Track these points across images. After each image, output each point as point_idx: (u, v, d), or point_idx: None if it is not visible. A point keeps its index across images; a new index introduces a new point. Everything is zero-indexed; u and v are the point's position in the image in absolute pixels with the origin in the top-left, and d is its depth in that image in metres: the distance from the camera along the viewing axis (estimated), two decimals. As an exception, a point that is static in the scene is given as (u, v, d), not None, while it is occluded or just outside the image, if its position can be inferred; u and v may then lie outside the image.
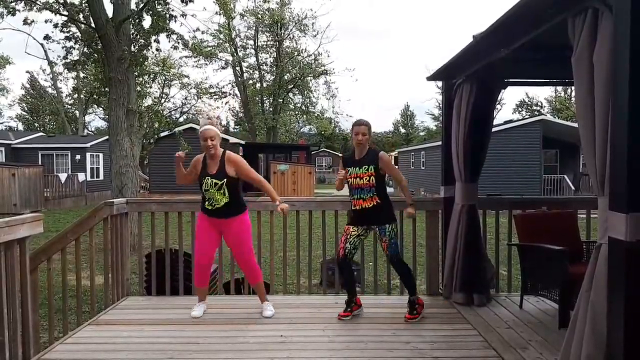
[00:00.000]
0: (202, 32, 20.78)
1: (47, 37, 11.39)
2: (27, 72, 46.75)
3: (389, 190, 4.11)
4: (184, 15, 11.04)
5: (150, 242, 4.88)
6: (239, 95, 34.32)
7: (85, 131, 38.23)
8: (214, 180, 3.81)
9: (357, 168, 3.89)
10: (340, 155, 4.25)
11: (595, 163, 2.32)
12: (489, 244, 4.82)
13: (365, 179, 3.85)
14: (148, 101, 20.00)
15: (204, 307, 4.08)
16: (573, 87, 2.55)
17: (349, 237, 3.96)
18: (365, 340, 3.48)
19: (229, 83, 34.46)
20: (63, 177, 22.46)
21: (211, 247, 4.01)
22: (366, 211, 3.88)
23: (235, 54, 32.98)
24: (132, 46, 10.84)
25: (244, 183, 4.02)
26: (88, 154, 25.68)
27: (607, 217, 2.22)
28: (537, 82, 5.39)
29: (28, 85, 45.17)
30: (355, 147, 3.99)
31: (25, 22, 11.21)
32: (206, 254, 3.99)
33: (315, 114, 34.85)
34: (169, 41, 11.53)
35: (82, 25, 11.05)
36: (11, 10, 10.78)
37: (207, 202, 3.89)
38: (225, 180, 3.80)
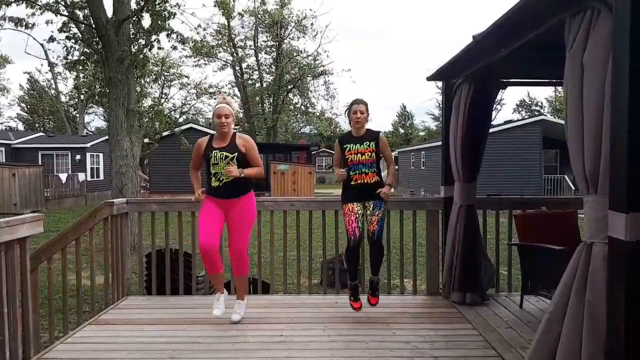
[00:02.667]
0: (197, 32, 20.76)
1: (52, 39, 11.39)
2: (26, 72, 46.75)
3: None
4: (178, 5, 10.99)
5: (151, 242, 4.89)
6: (238, 95, 34.32)
7: (85, 131, 38.22)
8: (224, 153, 3.70)
9: (358, 144, 3.87)
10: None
11: (583, 160, 2.32)
12: (489, 244, 4.83)
13: (367, 154, 3.85)
14: (148, 101, 19.99)
15: (223, 300, 3.86)
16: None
17: (357, 216, 3.86)
18: (365, 339, 3.48)
19: (229, 83, 34.50)
20: (63, 177, 22.46)
21: (215, 225, 3.75)
22: (367, 186, 3.86)
23: (234, 54, 32.98)
24: (132, 46, 10.83)
25: None
26: (88, 154, 25.69)
27: (603, 216, 2.22)
28: (537, 82, 5.40)
29: (28, 86, 45.19)
30: (353, 126, 3.95)
31: (26, 26, 11.22)
32: (209, 234, 3.70)
33: (315, 114, 34.85)
34: (169, 41, 11.52)
35: (82, 25, 11.05)
36: (16, 21, 10.79)
37: (213, 179, 3.74)
38: (236, 154, 3.72)
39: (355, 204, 3.88)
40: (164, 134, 18.16)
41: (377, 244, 3.93)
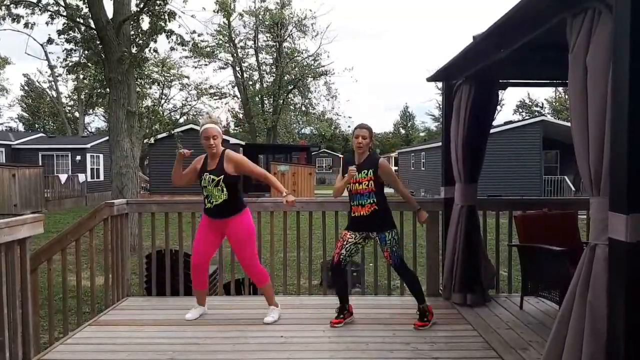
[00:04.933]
0: (199, 35, 20.80)
1: (50, 41, 11.41)
2: (24, 75, 46.88)
3: (387, 190, 4.04)
4: (175, 15, 10.95)
5: (151, 242, 4.88)
6: (238, 95, 34.33)
7: (86, 132, 38.25)
8: (212, 177, 3.79)
9: (357, 173, 3.78)
10: (341, 155, 4.16)
11: (588, 162, 2.32)
12: (489, 245, 4.82)
13: (365, 184, 3.75)
14: (147, 102, 19.98)
15: (201, 311, 4.02)
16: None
17: (345, 243, 3.84)
18: (365, 341, 3.48)
19: (229, 83, 34.50)
20: (63, 177, 22.47)
21: (207, 247, 3.94)
22: (364, 219, 3.78)
23: (235, 54, 33.00)
24: (132, 47, 10.84)
25: (245, 183, 3.99)
26: (88, 155, 25.70)
27: (606, 217, 2.22)
28: (537, 83, 5.39)
29: (27, 88, 45.21)
30: (355, 151, 3.90)
31: (26, 25, 11.22)
32: (200, 254, 3.92)
33: (316, 115, 34.86)
34: (169, 42, 11.52)
35: (82, 27, 11.06)
36: (14, 17, 10.79)
37: (206, 200, 3.87)
38: (222, 177, 3.77)
39: (351, 232, 3.87)
40: (160, 135, 18.13)
41: (400, 270, 3.83)
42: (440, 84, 4.92)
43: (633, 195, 2.03)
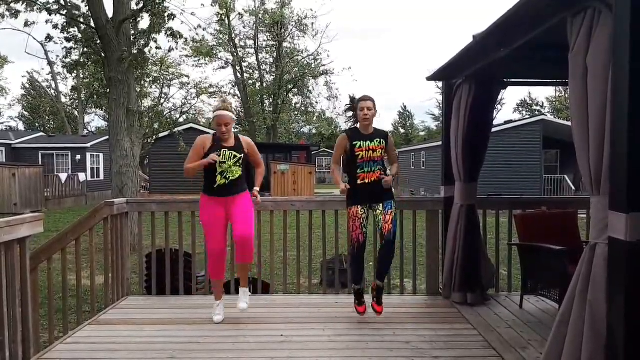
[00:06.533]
0: (203, 29, 20.78)
1: (48, 38, 11.39)
2: (27, 72, 46.90)
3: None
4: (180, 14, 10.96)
5: (151, 242, 4.89)
6: (238, 95, 34.31)
7: (86, 131, 38.22)
8: (233, 153, 3.79)
9: (369, 141, 3.81)
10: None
11: (589, 161, 2.32)
12: (489, 244, 4.83)
13: (379, 151, 3.82)
14: (147, 101, 19.97)
15: (223, 309, 3.97)
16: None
17: (362, 220, 3.79)
18: (365, 339, 3.48)
19: (229, 83, 34.46)
20: (63, 177, 22.46)
21: (221, 229, 3.86)
22: (372, 185, 3.78)
23: (235, 54, 32.97)
24: (132, 47, 10.82)
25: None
26: (88, 154, 25.70)
27: (607, 216, 2.22)
28: (537, 82, 5.39)
29: (28, 86, 45.21)
30: (361, 123, 3.87)
31: (26, 24, 11.21)
32: (218, 238, 3.84)
33: (315, 114, 34.83)
34: (169, 41, 11.49)
35: (82, 26, 11.04)
36: (13, 12, 10.77)
37: (220, 176, 3.76)
38: (243, 155, 3.85)
39: (360, 207, 3.79)
40: (162, 135, 18.09)
41: (392, 241, 3.78)
42: (440, 84, 4.92)
43: (633, 195, 2.04)
